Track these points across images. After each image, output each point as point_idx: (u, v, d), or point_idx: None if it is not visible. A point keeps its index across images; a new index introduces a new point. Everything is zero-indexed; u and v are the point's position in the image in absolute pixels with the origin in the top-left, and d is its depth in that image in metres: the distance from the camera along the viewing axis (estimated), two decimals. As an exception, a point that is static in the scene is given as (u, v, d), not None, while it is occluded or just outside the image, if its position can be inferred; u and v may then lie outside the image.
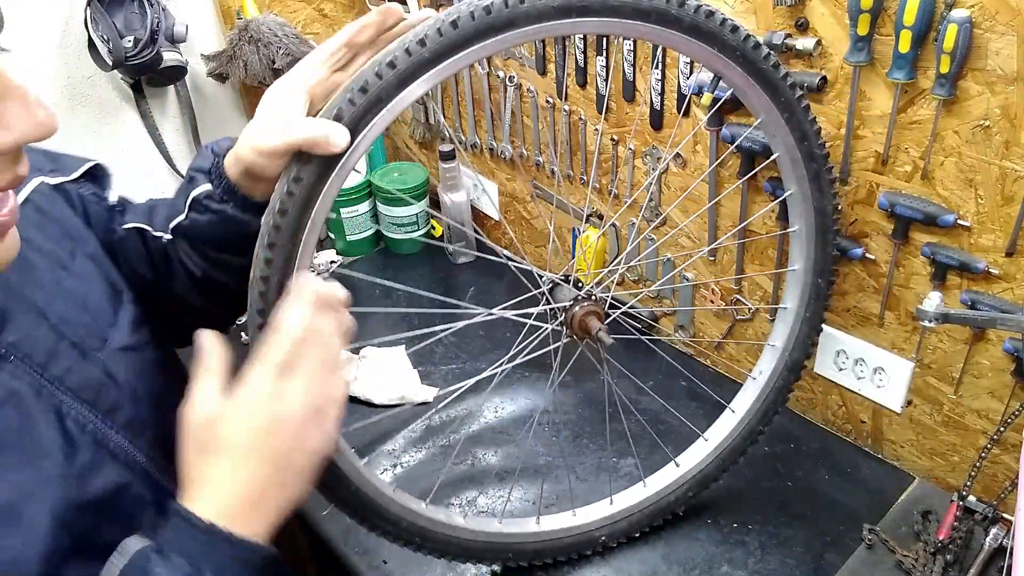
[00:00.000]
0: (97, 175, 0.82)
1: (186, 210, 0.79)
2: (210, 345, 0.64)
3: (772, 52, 0.82)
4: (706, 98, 1.07)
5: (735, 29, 0.78)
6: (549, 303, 0.92)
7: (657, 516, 1.03)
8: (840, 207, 0.94)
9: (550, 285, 0.93)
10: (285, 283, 0.68)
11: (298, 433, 0.61)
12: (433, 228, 1.77)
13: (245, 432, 0.59)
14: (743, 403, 1.00)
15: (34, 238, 0.68)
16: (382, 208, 1.72)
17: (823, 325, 1.01)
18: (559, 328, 0.92)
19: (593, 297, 0.91)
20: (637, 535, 1.03)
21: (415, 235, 1.72)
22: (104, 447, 0.63)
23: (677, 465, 1.00)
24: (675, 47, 0.79)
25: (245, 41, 1.48)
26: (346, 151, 0.66)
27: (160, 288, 0.83)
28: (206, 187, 0.78)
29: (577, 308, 0.90)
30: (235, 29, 1.50)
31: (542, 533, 0.98)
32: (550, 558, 1.00)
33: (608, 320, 0.91)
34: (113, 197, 0.83)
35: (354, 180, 1.68)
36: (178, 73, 1.50)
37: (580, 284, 0.93)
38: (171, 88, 1.57)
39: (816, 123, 0.88)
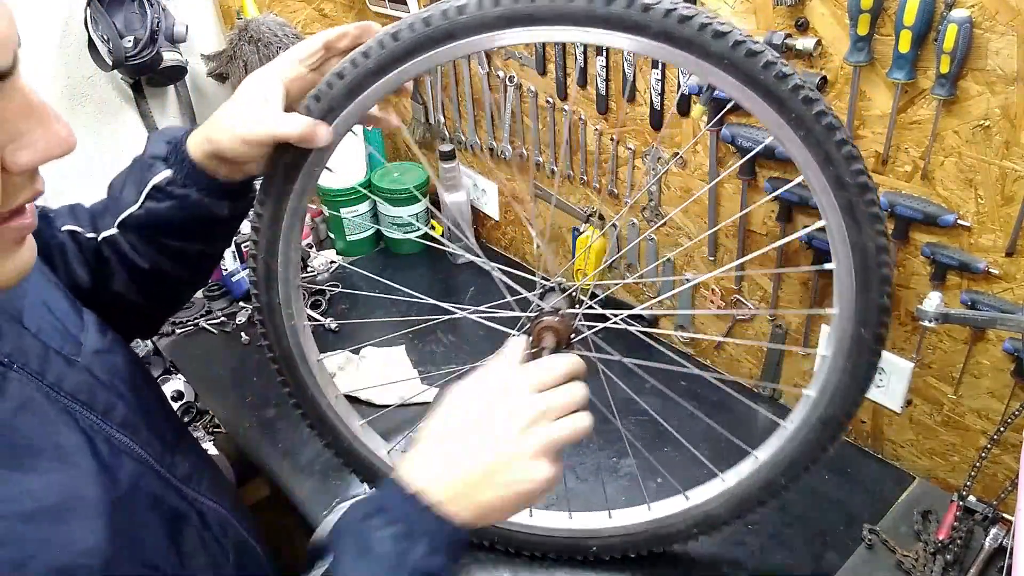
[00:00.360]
0: None
1: (142, 199, 0.79)
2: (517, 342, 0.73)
3: (775, 59, 0.68)
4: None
5: (720, 35, 0.66)
6: (532, 306, 0.89)
7: (654, 543, 0.99)
8: (888, 246, 0.73)
9: (540, 291, 0.89)
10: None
11: (518, 443, 0.65)
12: (433, 228, 1.77)
13: (473, 415, 0.67)
14: (767, 451, 0.88)
15: None
16: (382, 208, 1.72)
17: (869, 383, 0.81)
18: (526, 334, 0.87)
19: (559, 312, 0.85)
20: (633, 556, 1.00)
21: (415, 235, 1.73)
22: (113, 446, 0.65)
23: (687, 498, 0.94)
24: (651, 55, 0.69)
25: (245, 41, 1.48)
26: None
27: (97, 289, 0.83)
28: (166, 173, 0.78)
29: (542, 320, 0.85)
30: (235, 29, 1.50)
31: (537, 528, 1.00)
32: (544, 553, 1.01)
33: (577, 337, 0.88)
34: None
35: (354, 180, 1.68)
36: (178, 73, 1.50)
37: (567, 292, 0.89)
38: (171, 88, 1.57)
39: (847, 144, 0.70)
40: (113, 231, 0.82)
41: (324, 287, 1.59)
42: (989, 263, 0.91)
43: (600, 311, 0.92)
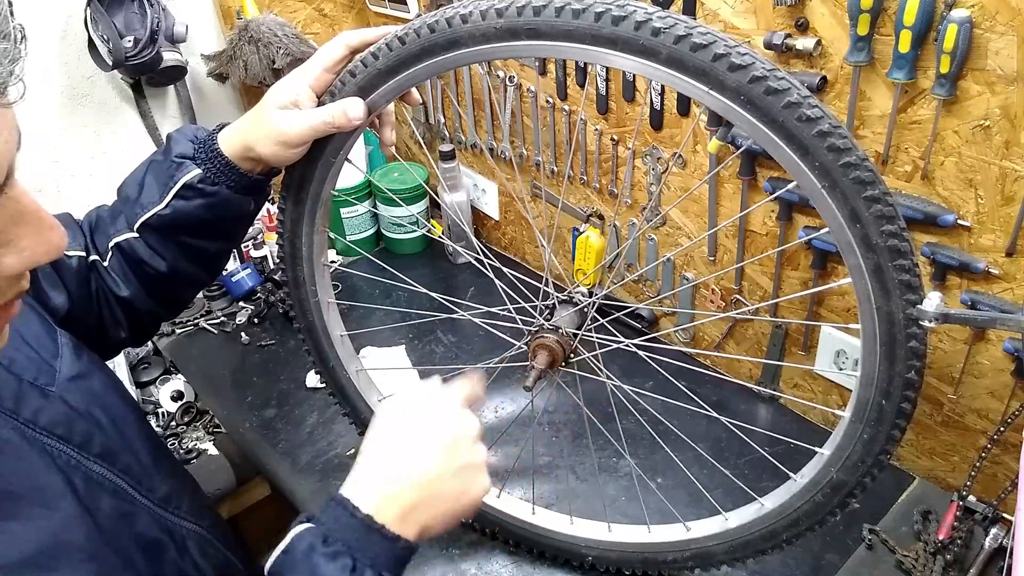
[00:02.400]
0: None
1: (169, 198, 0.79)
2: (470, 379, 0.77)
3: (800, 99, 0.60)
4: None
5: (738, 68, 0.60)
6: (540, 311, 0.89)
7: (649, 567, 0.97)
8: (916, 316, 0.66)
9: (546, 303, 0.89)
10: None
11: (458, 455, 0.69)
12: (433, 228, 1.77)
13: (414, 433, 0.69)
14: (775, 500, 0.84)
15: None
16: (382, 208, 1.72)
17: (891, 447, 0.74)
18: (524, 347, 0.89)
19: (560, 330, 0.84)
20: (628, 573, 0.99)
21: (415, 235, 1.73)
22: (91, 480, 0.64)
23: (687, 529, 0.92)
24: (660, 81, 0.63)
25: (245, 41, 1.48)
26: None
27: (79, 311, 0.82)
28: (196, 172, 0.79)
29: (540, 336, 0.85)
30: (235, 29, 1.50)
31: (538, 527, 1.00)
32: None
33: (575, 358, 0.88)
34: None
35: (354, 180, 1.68)
36: (178, 73, 1.50)
37: (577, 307, 0.89)
38: (171, 88, 1.57)
39: (880, 201, 0.62)
40: (128, 235, 0.82)
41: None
42: (989, 263, 0.91)
43: (598, 337, 0.91)
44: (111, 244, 0.83)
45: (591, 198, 1.41)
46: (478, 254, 0.98)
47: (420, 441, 0.69)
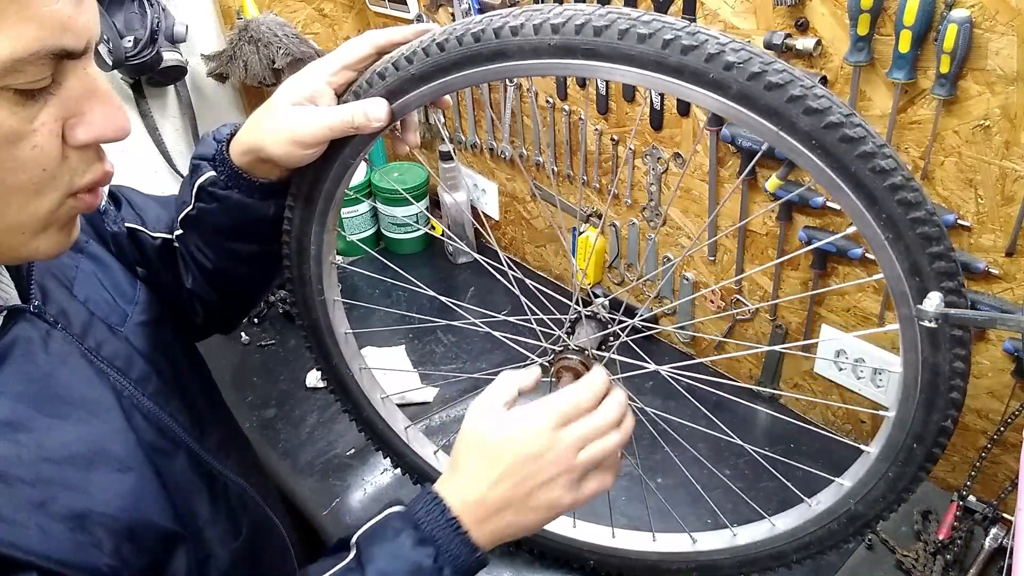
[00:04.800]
0: None
1: (192, 200, 0.80)
2: (523, 372, 0.75)
3: (875, 150, 0.58)
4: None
5: (813, 112, 0.57)
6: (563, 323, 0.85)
7: (655, 572, 0.96)
8: (966, 371, 0.65)
9: (574, 315, 0.84)
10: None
11: (553, 480, 0.67)
12: (433, 228, 1.77)
13: (515, 454, 0.67)
14: (786, 523, 0.83)
15: None
16: (382, 208, 1.72)
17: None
18: (547, 363, 0.85)
19: (586, 352, 0.80)
20: None
21: (415, 235, 1.73)
22: (139, 411, 0.68)
23: (693, 540, 0.91)
24: (725, 115, 0.60)
25: (245, 41, 1.48)
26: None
27: (160, 285, 0.83)
28: (210, 174, 0.78)
29: (564, 357, 0.81)
30: (235, 29, 1.50)
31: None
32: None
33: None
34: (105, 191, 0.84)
35: (354, 180, 1.68)
36: (178, 73, 1.50)
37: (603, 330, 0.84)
38: (171, 88, 1.57)
39: (942, 258, 0.60)
40: (180, 231, 0.83)
41: (324, 287, 1.59)
42: (989, 263, 0.91)
43: (629, 360, 0.88)
44: (173, 235, 0.85)
45: (591, 198, 1.41)
46: (507, 269, 0.95)
47: (515, 456, 0.67)
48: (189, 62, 1.51)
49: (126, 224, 0.83)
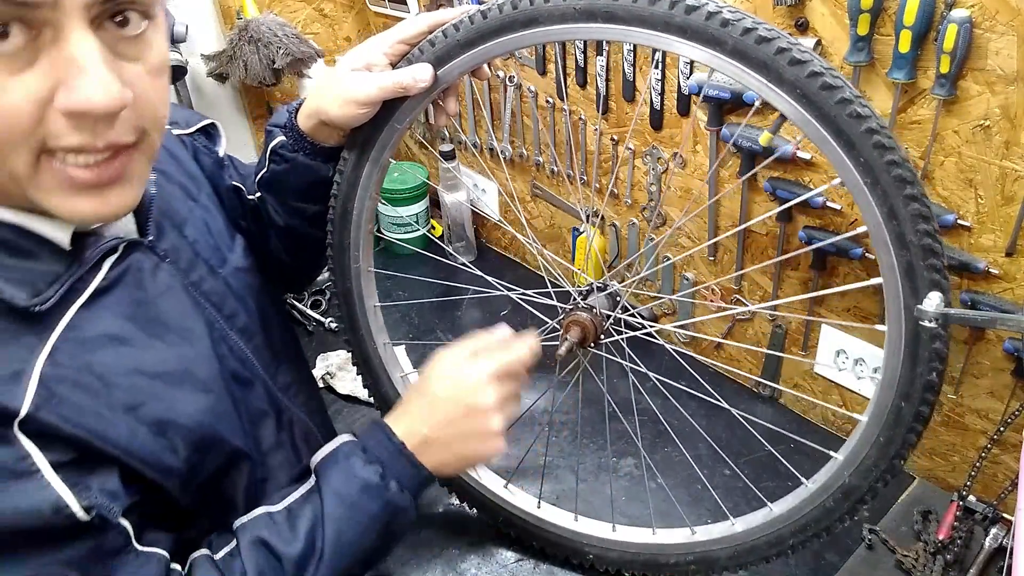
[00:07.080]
0: (210, 132, 0.93)
1: (267, 162, 0.89)
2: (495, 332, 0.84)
3: (852, 97, 0.63)
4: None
5: (797, 62, 0.63)
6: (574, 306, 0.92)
7: (651, 569, 0.96)
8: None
9: (583, 289, 0.93)
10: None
11: (478, 419, 0.77)
12: (433, 228, 1.77)
13: (449, 396, 0.78)
14: (784, 506, 0.84)
15: (171, 172, 0.81)
16: (382, 208, 1.72)
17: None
18: (558, 327, 0.91)
19: (595, 310, 0.89)
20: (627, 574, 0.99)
21: (415, 235, 1.72)
22: (226, 343, 0.77)
23: (692, 532, 0.92)
24: (721, 70, 0.67)
25: (245, 41, 1.48)
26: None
27: (253, 241, 0.92)
28: (281, 138, 0.87)
29: (574, 312, 0.89)
30: (235, 29, 1.50)
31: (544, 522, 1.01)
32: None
33: (605, 340, 0.91)
34: (221, 152, 0.94)
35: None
36: (178, 73, 1.50)
37: (611, 292, 0.93)
38: (171, 88, 1.57)
39: (917, 200, 0.64)
40: (258, 192, 0.92)
41: (324, 287, 1.59)
42: (989, 263, 0.91)
43: (630, 320, 0.93)
44: (253, 200, 0.93)
45: (591, 198, 1.41)
46: (530, 240, 1.01)
47: (446, 396, 0.78)
48: (189, 62, 1.51)
49: (232, 183, 0.92)
